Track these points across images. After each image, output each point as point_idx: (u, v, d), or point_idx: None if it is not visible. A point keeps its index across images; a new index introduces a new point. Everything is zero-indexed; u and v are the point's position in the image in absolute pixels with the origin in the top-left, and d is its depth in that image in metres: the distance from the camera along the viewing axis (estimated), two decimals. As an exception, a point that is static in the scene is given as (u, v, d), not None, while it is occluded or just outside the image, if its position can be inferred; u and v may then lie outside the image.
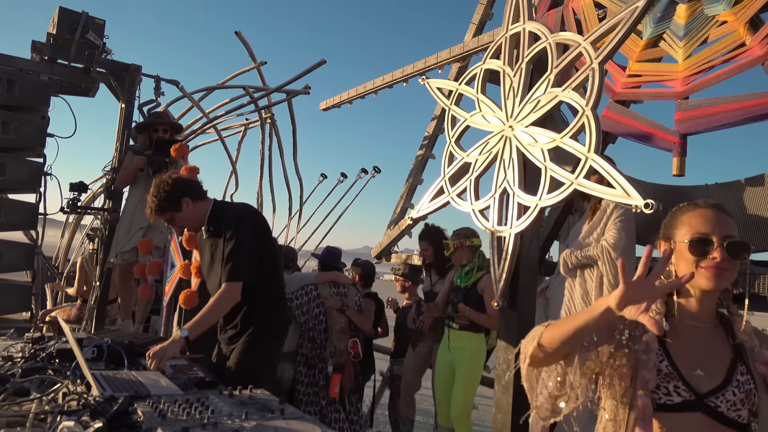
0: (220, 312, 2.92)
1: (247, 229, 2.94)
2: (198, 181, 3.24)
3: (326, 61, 6.98)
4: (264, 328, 2.99)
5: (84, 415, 1.63)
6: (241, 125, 8.14)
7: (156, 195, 2.98)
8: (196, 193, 3.06)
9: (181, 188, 3.01)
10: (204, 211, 3.05)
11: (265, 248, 3.02)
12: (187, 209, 3.00)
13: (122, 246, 4.92)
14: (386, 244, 6.14)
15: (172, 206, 2.98)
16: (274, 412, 1.78)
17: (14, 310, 4.55)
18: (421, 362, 4.79)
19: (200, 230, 3.16)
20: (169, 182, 3.00)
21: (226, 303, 2.89)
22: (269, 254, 3.07)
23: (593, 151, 2.61)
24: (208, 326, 2.86)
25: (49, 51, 5.01)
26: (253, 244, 2.93)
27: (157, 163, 4.89)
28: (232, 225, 2.92)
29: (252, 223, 3.01)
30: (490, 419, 3.10)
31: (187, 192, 3.02)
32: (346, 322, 4.49)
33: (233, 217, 2.97)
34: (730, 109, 3.34)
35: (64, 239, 8.47)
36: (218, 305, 2.87)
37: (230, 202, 3.34)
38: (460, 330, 4.17)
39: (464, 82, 3.43)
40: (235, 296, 2.88)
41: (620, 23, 2.65)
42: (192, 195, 3.03)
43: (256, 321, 2.98)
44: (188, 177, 3.17)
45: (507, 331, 3.06)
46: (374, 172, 7.48)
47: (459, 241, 4.31)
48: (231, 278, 2.87)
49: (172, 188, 2.98)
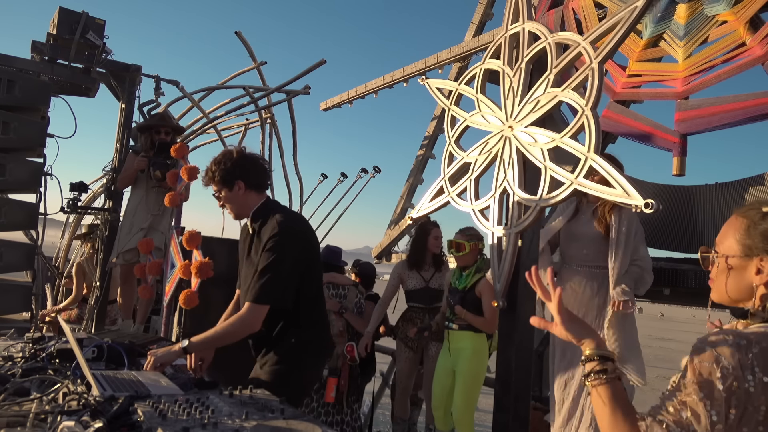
0: (235, 336, 2.58)
1: (293, 245, 2.63)
2: (265, 169, 2.96)
3: (326, 61, 6.99)
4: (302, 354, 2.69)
5: (84, 415, 1.63)
6: (241, 125, 8.14)
7: (217, 163, 2.78)
8: (254, 182, 2.82)
9: (242, 169, 2.79)
10: (253, 203, 2.80)
11: (310, 267, 2.73)
12: (237, 192, 2.78)
13: (123, 246, 4.93)
14: (387, 244, 6.15)
15: (224, 182, 2.77)
16: (275, 412, 1.78)
17: (14, 310, 4.55)
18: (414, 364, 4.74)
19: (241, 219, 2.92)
20: (233, 157, 2.80)
21: (243, 327, 2.56)
22: (315, 271, 2.80)
23: (593, 150, 2.62)
24: (215, 347, 2.62)
25: (49, 51, 5.02)
26: (294, 265, 2.61)
27: (158, 165, 4.89)
28: (277, 235, 2.61)
29: (300, 240, 2.70)
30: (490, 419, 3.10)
31: (245, 175, 2.79)
32: (344, 325, 4.47)
33: (282, 227, 2.63)
34: (731, 109, 3.34)
35: (65, 239, 8.47)
36: (233, 328, 2.56)
37: (284, 206, 3.01)
38: (460, 330, 4.14)
39: (464, 82, 3.44)
40: (257, 321, 2.54)
41: (620, 23, 2.65)
42: (248, 181, 2.79)
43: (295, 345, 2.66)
44: (258, 160, 2.91)
45: (506, 331, 3.07)
46: (374, 172, 7.47)
47: (474, 243, 4.18)
48: (257, 299, 2.53)
49: (234, 165, 2.77)
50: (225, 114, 7.24)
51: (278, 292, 2.55)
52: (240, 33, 6.77)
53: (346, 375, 4.35)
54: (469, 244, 4.17)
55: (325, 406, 4.35)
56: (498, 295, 3.01)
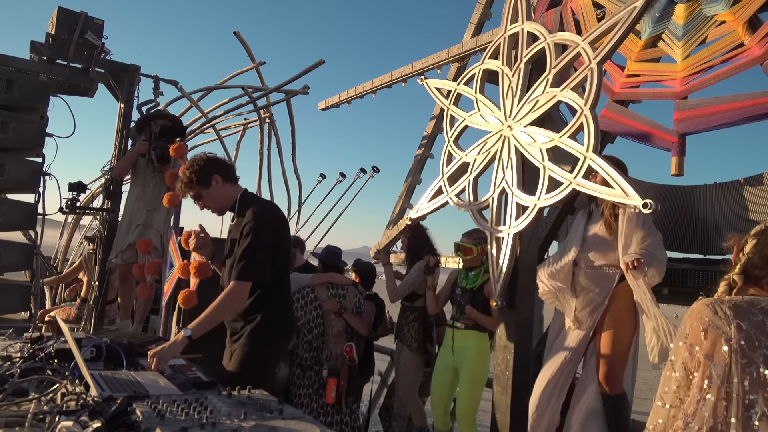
0: (226, 311, 2.91)
1: (265, 228, 2.94)
2: (232, 164, 3.31)
3: (325, 61, 6.98)
4: (267, 328, 2.98)
5: (82, 415, 1.63)
6: (239, 125, 8.14)
7: (188, 168, 3.05)
8: (228, 175, 3.10)
9: (214, 166, 3.07)
10: (232, 195, 3.09)
11: (279, 249, 3.03)
12: (216, 187, 3.04)
13: (122, 244, 4.93)
14: (385, 244, 6.14)
15: (201, 181, 3.02)
16: (273, 412, 1.78)
17: (13, 309, 4.55)
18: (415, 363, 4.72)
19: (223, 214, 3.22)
20: (203, 159, 3.06)
21: (232, 302, 2.89)
22: (283, 254, 3.08)
23: (592, 150, 2.62)
24: (212, 325, 2.83)
25: (48, 51, 5.01)
26: (267, 245, 2.93)
27: (159, 148, 4.86)
28: (252, 221, 2.92)
29: (271, 223, 3.01)
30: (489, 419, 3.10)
31: (218, 170, 3.06)
32: (343, 325, 4.46)
33: (256, 213, 2.95)
34: (729, 109, 3.34)
35: (63, 239, 8.47)
36: (224, 304, 2.86)
37: (258, 196, 3.37)
38: (465, 329, 4.13)
39: (463, 82, 3.44)
40: (243, 296, 2.88)
41: (619, 23, 2.65)
42: (223, 174, 3.07)
43: (260, 321, 2.96)
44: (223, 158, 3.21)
45: (506, 331, 3.07)
46: (373, 171, 7.46)
47: (482, 246, 4.12)
48: (241, 277, 2.86)
49: (205, 164, 3.04)
50: (224, 114, 7.24)
51: (257, 269, 2.90)
52: (239, 33, 6.77)
53: (345, 375, 4.34)
54: (477, 248, 4.16)
55: (324, 406, 4.35)
56: (497, 294, 3.01)
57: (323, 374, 4.31)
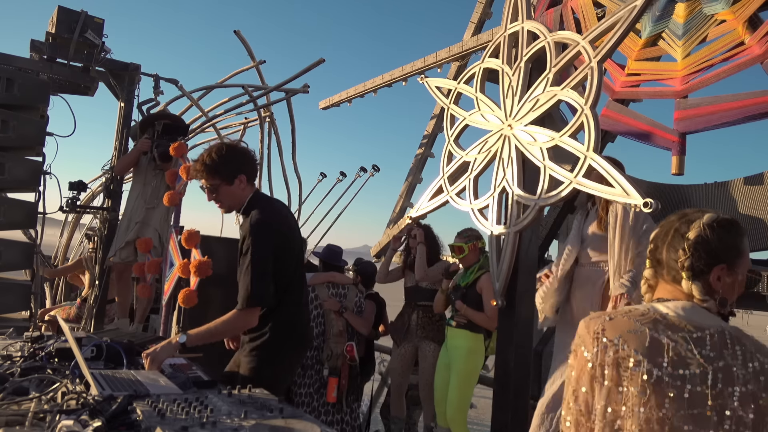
0: (226, 334, 2.80)
1: (265, 242, 2.64)
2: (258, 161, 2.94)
3: (325, 59, 6.98)
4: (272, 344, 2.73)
5: (83, 414, 1.63)
6: (240, 124, 8.14)
7: (216, 153, 2.68)
8: (252, 176, 2.80)
9: (244, 163, 2.73)
10: (246, 196, 2.79)
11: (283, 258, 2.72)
12: (237, 188, 2.73)
13: (120, 243, 4.92)
14: (386, 243, 6.14)
15: (226, 176, 2.69)
16: (273, 411, 1.78)
17: (13, 309, 4.55)
18: (406, 362, 4.74)
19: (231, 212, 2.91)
20: (235, 148, 2.72)
21: (233, 329, 2.74)
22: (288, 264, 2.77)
23: (592, 149, 2.61)
24: (209, 341, 2.67)
25: (48, 50, 5.02)
26: (268, 262, 2.63)
27: (162, 146, 4.86)
28: (250, 235, 2.63)
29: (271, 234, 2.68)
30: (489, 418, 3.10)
31: (246, 170, 2.74)
32: (344, 324, 4.46)
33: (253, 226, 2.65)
34: (729, 108, 3.34)
35: (63, 238, 8.47)
36: (225, 328, 2.68)
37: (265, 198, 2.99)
38: (458, 328, 4.15)
39: (463, 81, 3.44)
40: (245, 324, 2.67)
41: (619, 22, 2.65)
42: (249, 176, 2.76)
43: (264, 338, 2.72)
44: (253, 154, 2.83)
45: (506, 331, 3.07)
46: (373, 170, 7.46)
47: (472, 243, 4.21)
48: (246, 306, 2.61)
49: (235, 156, 2.69)
50: (224, 113, 7.23)
51: (257, 296, 2.61)
52: (239, 32, 6.76)
53: (346, 375, 4.35)
54: (467, 245, 4.21)
55: (325, 405, 4.35)
56: (497, 294, 3.01)
57: (324, 373, 4.32)
